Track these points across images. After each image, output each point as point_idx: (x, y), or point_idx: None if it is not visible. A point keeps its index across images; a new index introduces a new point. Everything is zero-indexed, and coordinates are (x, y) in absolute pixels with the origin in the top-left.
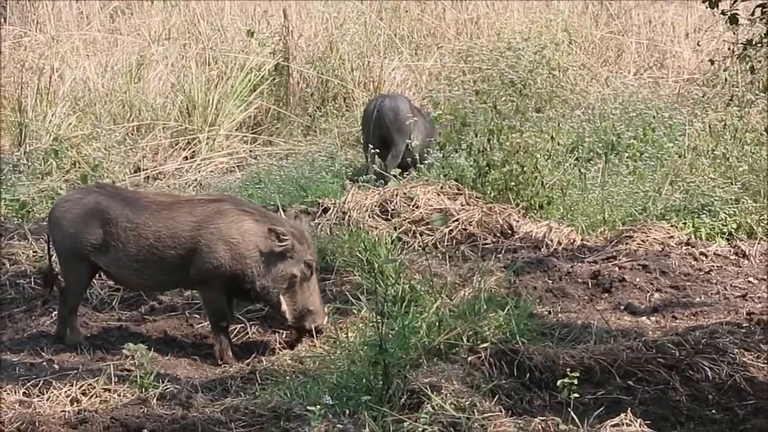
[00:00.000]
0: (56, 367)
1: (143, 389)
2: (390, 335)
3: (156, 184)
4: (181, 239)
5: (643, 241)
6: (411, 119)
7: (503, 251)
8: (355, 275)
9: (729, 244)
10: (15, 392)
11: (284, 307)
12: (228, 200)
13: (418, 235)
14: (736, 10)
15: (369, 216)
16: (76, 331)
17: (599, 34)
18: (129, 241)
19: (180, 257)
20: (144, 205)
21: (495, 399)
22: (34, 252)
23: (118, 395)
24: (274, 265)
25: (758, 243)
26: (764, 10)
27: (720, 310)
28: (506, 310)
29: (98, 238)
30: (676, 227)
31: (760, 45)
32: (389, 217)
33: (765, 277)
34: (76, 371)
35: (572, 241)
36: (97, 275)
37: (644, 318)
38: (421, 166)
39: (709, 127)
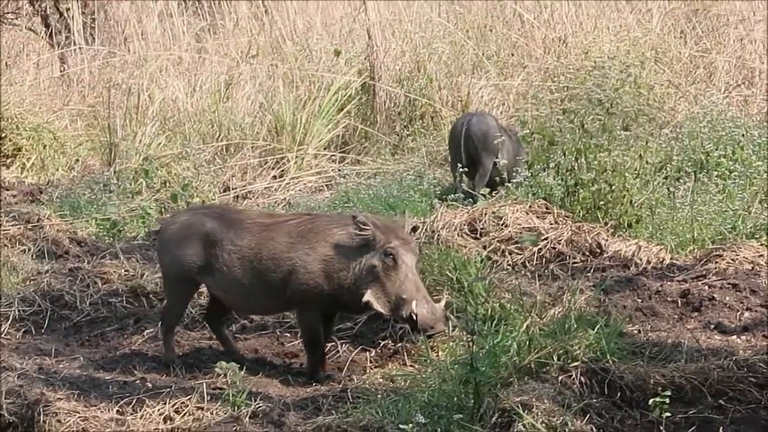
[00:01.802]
0: (149, 385)
1: (236, 407)
2: (480, 354)
3: (245, 203)
4: (281, 261)
5: (732, 259)
6: (499, 138)
7: (592, 270)
8: (445, 294)
9: None
10: (108, 410)
11: (371, 300)
12: (320, 216)
13: (507, 253)
14: None
15: (458, 235)
16: (171, 350)
17: (687, 52)
18: (234, 265)
19: (281, 280)
20: (246, 226)
21: (586, 418)
22: (125, 271)
23: (211, 413)
24: (359, 261)
25: None
26: None
27: None
28: (596, 328)
29: (204, 261)
30: (766, 246)
31: None
32: (478, 235)
33: None
34: (168, 389)
35: (661, 259)
36: None
37: (734, 337)
38: (509, 185)
39: None
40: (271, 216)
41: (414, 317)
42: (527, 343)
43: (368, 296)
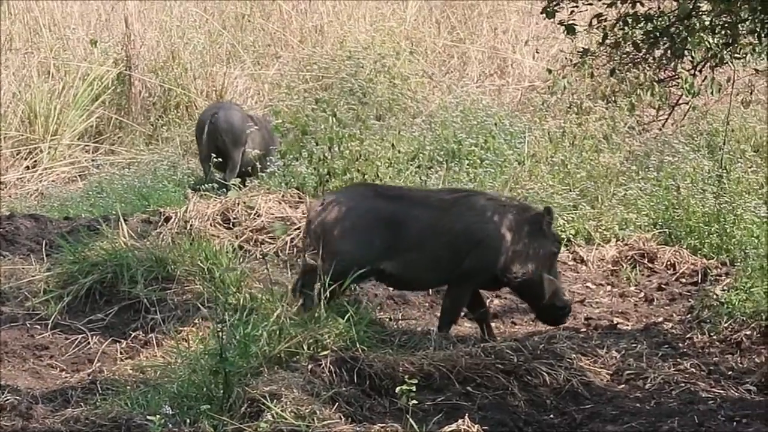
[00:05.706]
0: None
1: None
2: (231, 344)
3: None
4: (470, 236)
5: None
6: (246, 129)
7: None
8: (197, 284)
9: (567, 249)
10: None
11: (546, 286)
12: (491, 196)
13: (259, 243)
14: (573, 20)
15: (210, 225)
16: None
17: (441, 42)
18: (423, 241)
19: (462, 257)
20: (430, 203)
21: (335, 406)
22: None
23: None
24: (537, 247)
25: (596, 249)
26: (600, 19)
27: None
28: (347, 317)
29: (388, 242)
30: None
31: (596, 54)
32: (231, 226)
33: (602, 282)
34: None
35: None
36: None
37: None
38: (263, 174)
39: (549, 134)
40: (449, 191)
41: (567, 305)
42: (277, 332)
43: (547, 285)
